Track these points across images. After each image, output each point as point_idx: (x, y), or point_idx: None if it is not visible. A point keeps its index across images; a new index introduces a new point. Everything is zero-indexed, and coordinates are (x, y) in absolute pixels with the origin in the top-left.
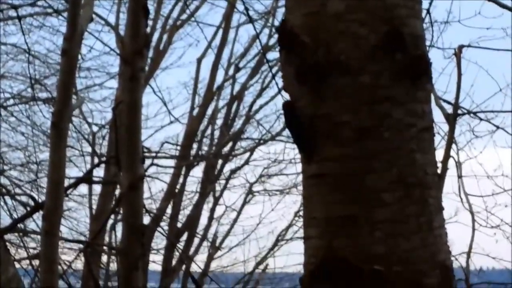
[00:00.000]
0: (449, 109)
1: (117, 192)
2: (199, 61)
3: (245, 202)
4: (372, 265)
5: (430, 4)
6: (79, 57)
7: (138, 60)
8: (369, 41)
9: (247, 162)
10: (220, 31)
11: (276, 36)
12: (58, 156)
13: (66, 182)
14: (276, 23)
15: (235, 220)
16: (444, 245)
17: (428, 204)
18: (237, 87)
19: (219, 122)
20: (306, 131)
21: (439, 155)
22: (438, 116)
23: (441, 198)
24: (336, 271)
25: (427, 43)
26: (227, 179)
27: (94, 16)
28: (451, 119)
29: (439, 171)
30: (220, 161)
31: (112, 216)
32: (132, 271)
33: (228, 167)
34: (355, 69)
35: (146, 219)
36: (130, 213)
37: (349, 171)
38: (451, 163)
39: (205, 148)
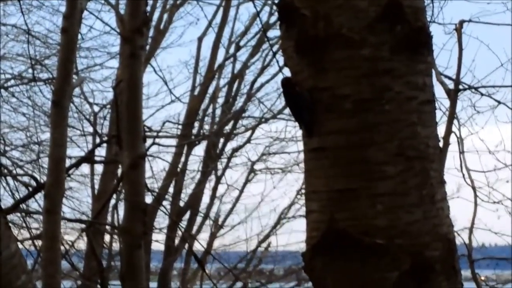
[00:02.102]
0: (450, 84)
1: (119, 171)
2: (199, 40)
3: (247, 181)
4: (374, 238)
5: None
6: (79, 36)
7: (138, 38)
8: (369, 14)
9: (248, 140)
10: (221, 10)
11: (276, 14)
12: (59, 133)
13: (68, 162)
14: (277, 1)
15: (237, 199)
16: (446, 218)
17: (429, 177)
18: (238, 66)
19: (220, 100)
20: (307, 104)
21: (441, 130)
22: (439, 92)
23: (443, 172)
24: (337, 245)
25: (428, 18)
26: (229, 158)
27: None
28: (452, 95)
29: (440, 146)
30: (221, 140)
31: (114, 196)
32: (134, 249)
33: (230, 145)
34: (355, 41)
35: (148, 198)
36: (132, 191)
37: (350, 144)
38: (452, 138)
39: (206, 127)
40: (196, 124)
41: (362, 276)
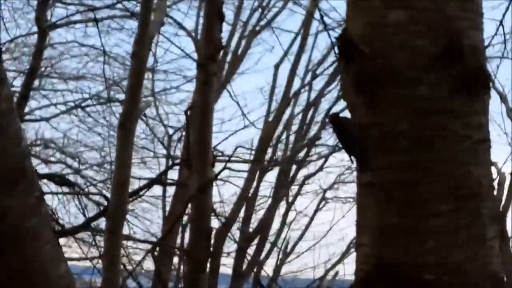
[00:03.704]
0: None
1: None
2: (276, 66)
3: (318, 208)
4: (422, 274)
5: (504, 16)
6: (154, 59)
7: (211, 65)
8: (428, 53)
9: (321, 168)
10: (298, 38)
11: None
12: (124, 156)
13: (141, 183)
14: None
15: (307, 226)
16: (496, 257)
17: (481, 216)
18: (313, 94)
19: (294, 128)
20: (361, 139)
21: (509, 167)
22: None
23: (497, 210)
24: (386, 279)
25: (499, 54)
26: (301, 185)
27: (171, 20)
28: None
29: (508, 182)
30: (294, 167)
31: (185, 218)
32: (198, 273)
33: (302, 173)
34: (412, 80)
35: (216, 223)
36: (198, 215)
37: (402, 181)
38: None
39: (279, 153)
40: (269, 150)
41: None
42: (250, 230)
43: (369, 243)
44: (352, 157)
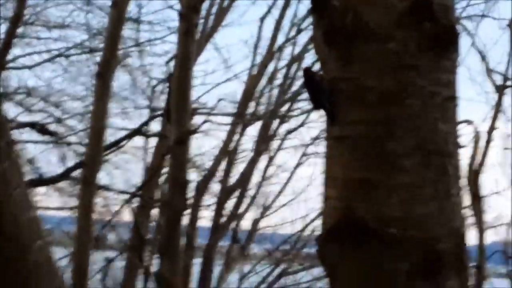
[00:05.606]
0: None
1: None
2: (261, 20)
3: (298, 163)
4: (387, 227)
5: None
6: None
7: (193, 15)
8: (397, 9)
9: (302, 123)
10: None
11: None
12: (101, 105)
13: (121, 134)
14: None
15: (287, 181)
16: (459, 213)
17: (446, 172)
18: (298, 49)
19: (277, 82)
20: (331, 93)
21: (486, 125)
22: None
23: (460, 167)
24: (352, 232)
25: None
26: (282, 140)
27: None
28: (500, 90)
29: (484, 141)
30: (276, 121)
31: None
32: (174, 223)
33: (284, 127)
34: (382, 35)
35: (195, 175)
36: (176, 166)
37: (370, 135)
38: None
39: (262, 107)
40: (252, 104)
41: (373, 265)
42: (230, 183)
43: (335, 196)
44: (317, 109)
